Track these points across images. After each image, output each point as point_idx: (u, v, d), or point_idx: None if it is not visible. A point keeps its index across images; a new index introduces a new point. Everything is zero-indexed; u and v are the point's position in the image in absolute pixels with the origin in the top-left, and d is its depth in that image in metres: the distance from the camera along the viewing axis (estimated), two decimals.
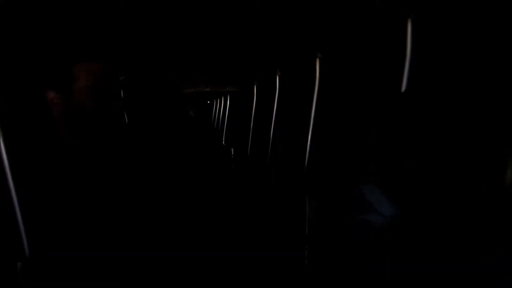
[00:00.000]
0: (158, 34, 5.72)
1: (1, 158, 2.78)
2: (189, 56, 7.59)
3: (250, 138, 9.79)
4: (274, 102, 7.91)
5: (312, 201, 4.02)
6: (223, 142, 13.83)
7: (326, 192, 3.39)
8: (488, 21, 3.12)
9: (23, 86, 2.68)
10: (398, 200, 2.37)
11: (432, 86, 3.75)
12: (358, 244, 2.32)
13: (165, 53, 7.25)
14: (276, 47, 6.37)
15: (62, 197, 2.40)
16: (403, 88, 4.43)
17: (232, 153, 11.66)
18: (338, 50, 5.58)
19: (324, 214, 2.90)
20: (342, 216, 2.50)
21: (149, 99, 8.96)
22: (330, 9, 4.64)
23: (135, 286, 2.39)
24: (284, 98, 7.61)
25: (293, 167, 6.24)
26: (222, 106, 16.89)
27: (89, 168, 2.57)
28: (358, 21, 4.80)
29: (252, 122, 10.03)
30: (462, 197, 2.35)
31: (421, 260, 2.18)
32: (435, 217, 2.24)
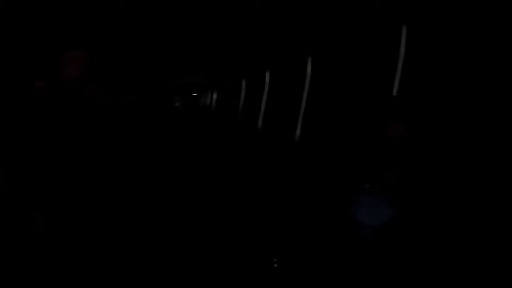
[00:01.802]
0: (146, 26, 5.67)
1: None
2: (181, 48, 7.54)
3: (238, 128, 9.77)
4: (262, 97, 7.89)
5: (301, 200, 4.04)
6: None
7: (322, 192, 3.41)
8: (481, 29, 3.16)
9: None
10: (395, 202, 2.39)
11: (424, 91, 3.78)
12: (355, 244, 2.33)
13: (153, 44, 7.19)
14: (267, 46, 6.37)
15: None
16: (395, 92, 4.47)
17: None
18: (333, 53, 5.59)
19: (317, 214, 2.91)
20: (339, 217, 2.50)
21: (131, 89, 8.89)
22: (328, 14, 4.66)
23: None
24: (274, 93, 7.61)
25: (280, 161, 6.25)
26: (214, 98, 16.81)
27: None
28: (353, 26, 4.83)
29: (240, 113, 10.00)
30: (462, 200, 2.38)
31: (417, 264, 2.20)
32: (435, 221, 2.26)
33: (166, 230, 3.55)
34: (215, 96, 16.97)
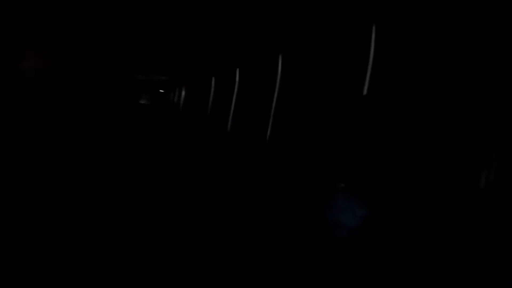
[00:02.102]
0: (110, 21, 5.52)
1: None
2: (148, 43, 7.38)
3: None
4: (233, 94, 7.83)
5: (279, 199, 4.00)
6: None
7: (296, 192, 3.38)
8: (451, 27, 3.20)
9: None
10: (372, 202, 2.38)
11: (394, 90, 3.80)
12: (334, 243, 2.31)
13: (119, 39, 7.01)
14: (237, 44, 6.31)
15: None
16: (365, 91, 4.49)
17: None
18: (303, 51, 5.58)
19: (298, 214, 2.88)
20: (313, 217, 2.48)
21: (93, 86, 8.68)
22: (298, 13, 4.64)
23: None
24: (244, 91, 7.55)
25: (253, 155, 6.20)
26: (182, 95, 16.59)
27: None
28: (323, 25, 4.82)
29: (209, 109, 9.89)
30: (439, 203, 2.39)
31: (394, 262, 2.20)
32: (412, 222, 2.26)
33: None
34: (183, 93, 16.78)
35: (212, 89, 10.04)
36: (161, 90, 22.23)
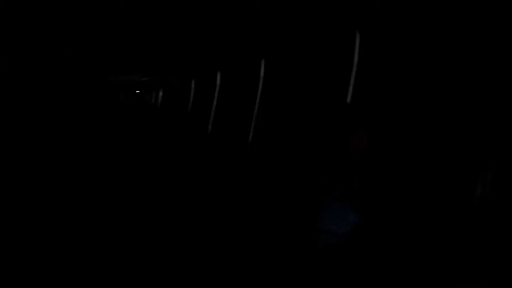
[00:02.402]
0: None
1: None
2: (127, 44, 7.28)
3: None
4: (213, 97, 7.80)
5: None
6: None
7: (285, 199, 3.39)
8: (435, 35, 3.26)
9: None
10: (360, 208, 2.41)
11: (378, 97, 3.86)
12: (321, 251, 2.33)
13: (96, 39, 6.90)
14: (219, 47, 6.29)
15: None
16: (348, 99, 4.54)
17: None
18: (286, 57, 5.60)
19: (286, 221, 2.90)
20: (304, 225, 2.50)
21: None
22: (281, 19, 4.66)
23: None
24: (225, 95, 7.54)
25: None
26: (160, 97, 16.45)
27: None
28: (307, 30, 4.86)
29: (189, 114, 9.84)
30: (429, 215, 2.44)
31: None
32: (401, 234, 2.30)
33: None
34: (161, 94, 16.64)
35: (192, 92, 9.99)
36: (137, 91, 22.00)
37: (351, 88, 4.34)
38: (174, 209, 4.37)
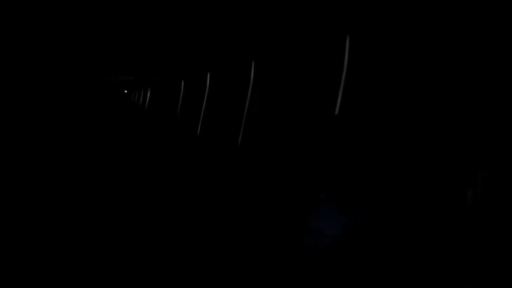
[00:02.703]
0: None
1: None
2: (115, 44, 7.25)
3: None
4: (203, 98, 7.80)
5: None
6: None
7: (277, 201, 3.41)
8: (428, 40, 3.30)
9: None
10: (352, 210, 2.44)
11: (369, 104, 3.89)
12: (313, 251, 2.35)
13: (83, 39, 6.85)
14: (209, 47, 6.30)
15: None
16: (336, 111, 4.54)
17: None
18: (276, 59, 5.63)
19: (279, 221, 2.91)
20: (295, 226, 2.52)
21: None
22: (271, 21, 4.68)
23: None
24: (215, 95, 7.54)
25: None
26: (148, 96, 16.35)
27: None
28: (298, 33, 4.89)
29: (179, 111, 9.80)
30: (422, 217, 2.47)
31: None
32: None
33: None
34: (148, 94, 16.55)
35: (182, 92, 9.97)
36: (125, 91, 21.86)
37: (339, 99, 4.34)
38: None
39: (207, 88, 7.82)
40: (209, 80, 7.82)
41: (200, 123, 7.78)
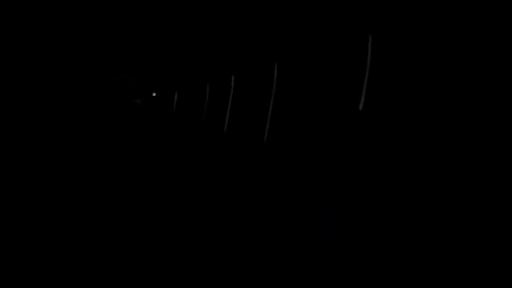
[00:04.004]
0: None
1: None
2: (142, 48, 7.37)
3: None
4: (228, 101, 7.86)
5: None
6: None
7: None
8: (449, 39, 3.25)
9: None
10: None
11: (392, 103, 3.85)
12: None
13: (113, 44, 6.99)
14: (233, 50, 6.34)
15: None
16: (361, 106, 4.53)
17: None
18: (298, 60, 5.63)
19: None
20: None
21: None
22: (293, 22, 4.68)
23: None
24: (240, 98, 7.59)
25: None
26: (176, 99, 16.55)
27: None
28: (320, 34, 4.87)
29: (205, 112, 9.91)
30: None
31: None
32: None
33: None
34: (176, 97, 16.77)
35: (207, 95, 10.07)
36: (153, 94, 22.16)
37: (363, 95, 4.32)
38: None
39: (231, 90, 7.89)
40: (233, 83, 7.89)
41: (226, 124, 7.85)
